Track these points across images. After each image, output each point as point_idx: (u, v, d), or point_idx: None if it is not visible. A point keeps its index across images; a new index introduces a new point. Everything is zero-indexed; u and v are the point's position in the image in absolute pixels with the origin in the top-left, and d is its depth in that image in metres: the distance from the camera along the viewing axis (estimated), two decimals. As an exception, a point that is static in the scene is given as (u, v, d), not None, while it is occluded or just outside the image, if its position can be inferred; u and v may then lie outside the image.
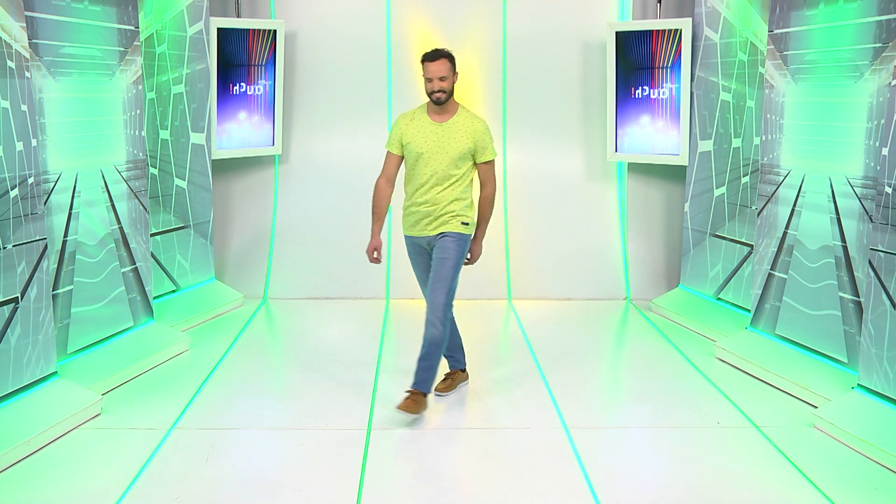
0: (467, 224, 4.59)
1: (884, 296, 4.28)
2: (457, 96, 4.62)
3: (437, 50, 4.50)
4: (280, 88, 7.15)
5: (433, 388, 4.61)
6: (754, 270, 5.70)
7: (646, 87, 6.93)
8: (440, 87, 4.44)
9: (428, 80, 4.45)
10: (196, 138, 6.60)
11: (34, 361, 4.38)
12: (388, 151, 4.64)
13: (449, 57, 4.48)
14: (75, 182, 5.00)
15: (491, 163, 4.62)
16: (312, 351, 5.82)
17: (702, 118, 6.62)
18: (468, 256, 4.72)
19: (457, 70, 4.52)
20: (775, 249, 5.46)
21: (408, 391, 4.49)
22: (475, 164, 4.60)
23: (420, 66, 4.50)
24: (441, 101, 4.47)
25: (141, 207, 5.65)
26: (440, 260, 4.53)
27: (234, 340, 5.95)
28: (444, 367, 4.91)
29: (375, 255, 4.71)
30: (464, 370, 5.06)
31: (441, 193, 4.53)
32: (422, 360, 4.49)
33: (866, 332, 4.41)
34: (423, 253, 4.71)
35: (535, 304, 7.05)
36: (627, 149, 7.11)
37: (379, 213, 4.69)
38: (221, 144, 6.92)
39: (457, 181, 4.53)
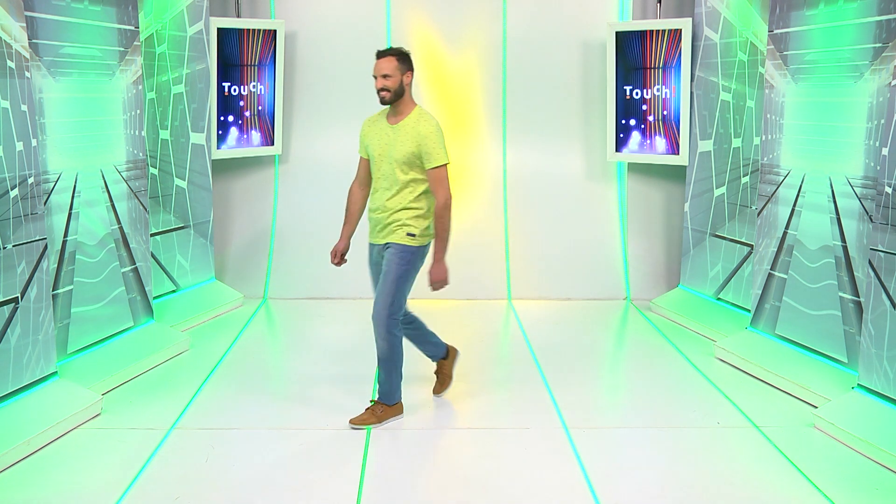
0: (413, 236, 4.32)
1: (884, 296, 4.28)
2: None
3: (388, 48, 4.36)
4: (280, 88, 7.15)
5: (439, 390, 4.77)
6: (754, 270, 5.70)
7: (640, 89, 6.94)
8: (383, 84, 4.24)
9: (374, 77, 4.30)
10: (196, 138, 6.60)
11: (34, 361, 4.38)
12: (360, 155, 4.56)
13: (399, 55, 4.28)
14: (75, 182, 5.00)
15: (439, 170, 4.29)
16: (312, 351, 5.82)
17: (702, 118, 6.62)
18: (429, 280, 4.39)
19: (411, 69, 4.31)
20: (775, 249, 5.46)
21: (372, 401, 4.52)
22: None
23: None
24: (386, 101, 4.28)
25: (141, 207, 5.65)
26: (383, 274, 4.35)
27: (234, 340, 5.95)
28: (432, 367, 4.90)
29: (336, 261, 4.59)
30: (446, 356, 4.87)
31: (390, 200, 4.33)
32: (378, 372, 4.48)
33: (866, 332, 4.41)
34: (376, 262, 4.53)
35: (535, 304, 7.05)
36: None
37: (348, 216, 4.61)
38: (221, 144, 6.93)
39: (405, 188, 4.31)
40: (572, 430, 4.39)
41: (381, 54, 4.29)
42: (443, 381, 4.88)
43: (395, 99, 4.29)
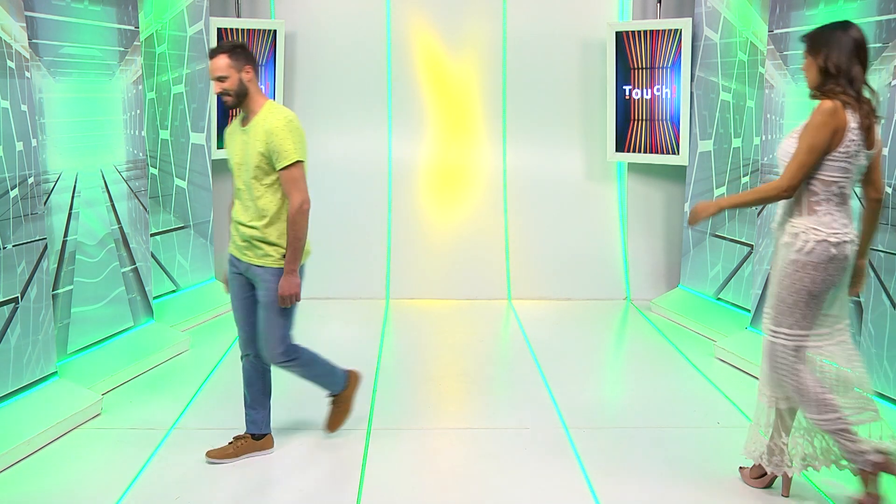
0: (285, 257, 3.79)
1: (884, 296, 4.28)
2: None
3: (218, 45, 3.87)
4: (280, 88, 7.15)
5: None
6: (754, 270, 5.70)
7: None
8: (221, 88, 3.74)
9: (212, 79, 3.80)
10: (196, 138, 6.60)
11: (34, 361, 4.38)
12: None
13: (230, 51, 3.74)
14: (75, 182, 5.00)
15: (291, 169, 3.70)
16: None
17: (702, 118, 6.62)
18: (279, 294, 3.79)
19: (249, 62, 3.77)
20: (775, 249, 5.45)
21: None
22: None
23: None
24: (230, 105, 3.80)
25: (141, 207, 5.65)
26: (263, 308, 3.84)
27: (234, 340, 5.94)
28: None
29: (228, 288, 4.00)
30: (258, 436, 4.07)
31: (254, 213, 3.79)
32: (323, 388, 4.13)
33: (866, 332, 4.41)
34: (237, 277, 3.94)
35: (535, 304, 7.05)
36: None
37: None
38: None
39: (268, 198, 3.77)
40: (572, 430, 4.39)
41: (210, 54, 3.79)
42: (226, 452, 4.03)
43: (240, 100, 3.78)
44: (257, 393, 4.08)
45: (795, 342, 3.45)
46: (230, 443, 4.04)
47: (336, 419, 4.26)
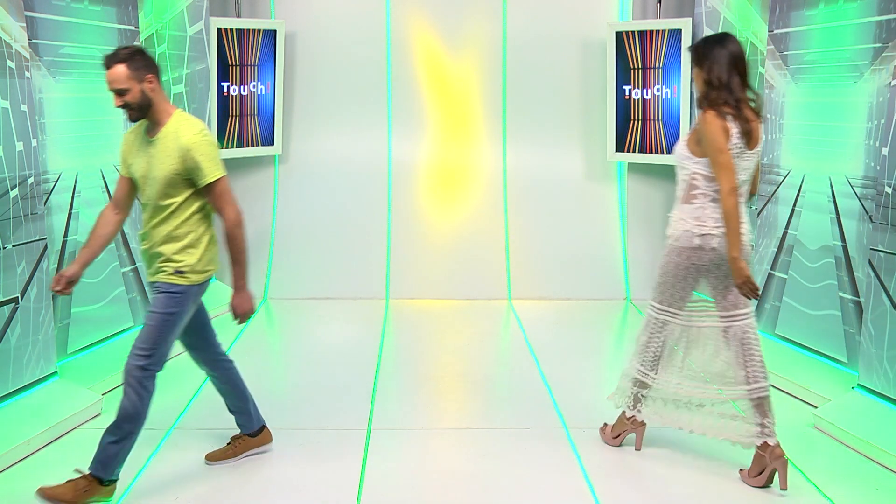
0: (182, 273, 3.53)
1: (884, 296, 4.28)
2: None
3: (113, 53, 3.43)
4: (280, 88, 7.15)
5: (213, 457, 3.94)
6: (754, 270, 5.70)
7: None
8: (121, 102, 3.42)
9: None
10: (196, 138, 6.59)
11: (34, 361, 4.38)
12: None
13: (128, 60, 3.39)
14: (75, 182, 5.00)
15: (217, 184, 3.51)
16: (312, 351, 5.82)
17: (702, 118, 6.61)
18: (233, 314, 3.65)
19: (151, 70, 3.44)
20: (775, 249, 5.46)
21: (77, 471, 3.51)
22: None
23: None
24: (134, 119, 3.50)
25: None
26: (145, 317, 3.58)
27: (234, 340, 5.95)
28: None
29: (59, 287, 3.60)
30: (254, 433, 4.03)
31: (156, 230, 3.54)
32: (107, 432, 3.48)
33: (866, 332, 4.41)
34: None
35: (535, 304, 7.05)
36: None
37: (90, 240, 3.67)
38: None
39: (171, 214, 3.50)
40: (572, 430, 4.39)
41: (106, 63, 3.41)
42: (225, 453, 3.98)
43: (144, 113, 3.48)
44: (235, 400, 4.00)
45: (663, 316, 3.91)
46: (228, 444, 4.02)
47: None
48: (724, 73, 3.62)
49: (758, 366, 3.76)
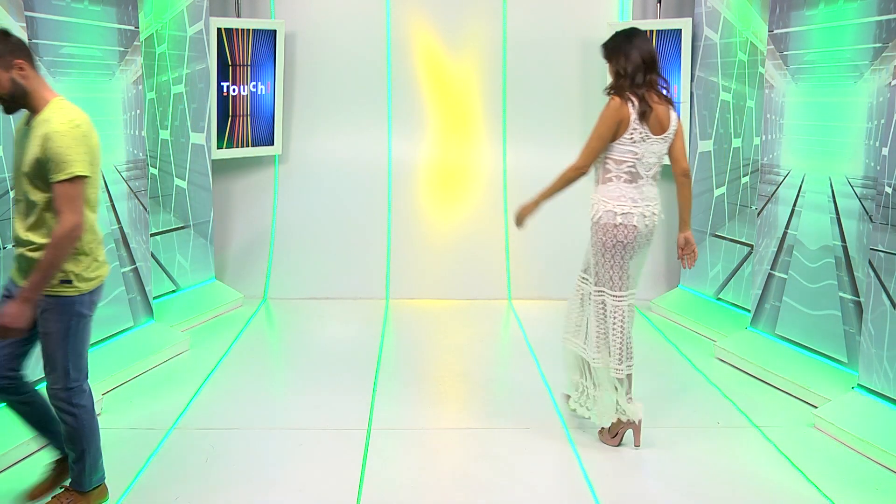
0: (69, 283, 3.14)
1: (884, 296, 4.28)
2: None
3: None
4: (280, 88, 7.15)
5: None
6: (754, 270, 5.70)
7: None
8: None
9: None
10: (196, 138, 6.60)
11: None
12: None
13: None
14: (75, 182, 4.99)
15: (68, 184, 3.00)
16: (312, 351, 5.81)
17: (702, 118, 6.62)
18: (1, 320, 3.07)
19: (18, 55, 3.04)
20: (775, 249, 5.46)
21: (62, 487, 3.51)
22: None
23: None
24: (6, 112, 3.15)
25: (141, 207, 5.65)
26: (44, 338, 3.20)
27: (234, 340, 5.95)
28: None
29: None
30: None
31: (30, 230, 3.13)
32: (68, 452, 3.45)
33: (866, 332, 4.41)
34: (5, 301, 3.24)
35: (535, 304, 7.05)
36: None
37: None
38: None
39: (46, 212, 3.09)
40: (572, 431, 4.39)
41: None
42: (52, 482, 3.58)
43: (18, 103, 3.10)
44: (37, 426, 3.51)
45: (602, 296, 4.18)
46: (54, 497, 3.46)
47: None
48: (630, 65, 3.98)
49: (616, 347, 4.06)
